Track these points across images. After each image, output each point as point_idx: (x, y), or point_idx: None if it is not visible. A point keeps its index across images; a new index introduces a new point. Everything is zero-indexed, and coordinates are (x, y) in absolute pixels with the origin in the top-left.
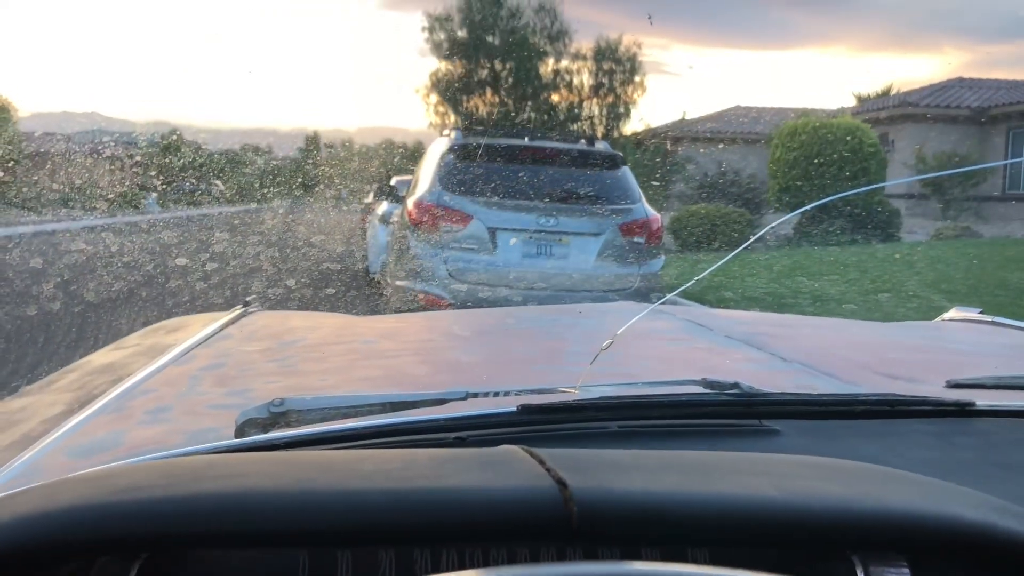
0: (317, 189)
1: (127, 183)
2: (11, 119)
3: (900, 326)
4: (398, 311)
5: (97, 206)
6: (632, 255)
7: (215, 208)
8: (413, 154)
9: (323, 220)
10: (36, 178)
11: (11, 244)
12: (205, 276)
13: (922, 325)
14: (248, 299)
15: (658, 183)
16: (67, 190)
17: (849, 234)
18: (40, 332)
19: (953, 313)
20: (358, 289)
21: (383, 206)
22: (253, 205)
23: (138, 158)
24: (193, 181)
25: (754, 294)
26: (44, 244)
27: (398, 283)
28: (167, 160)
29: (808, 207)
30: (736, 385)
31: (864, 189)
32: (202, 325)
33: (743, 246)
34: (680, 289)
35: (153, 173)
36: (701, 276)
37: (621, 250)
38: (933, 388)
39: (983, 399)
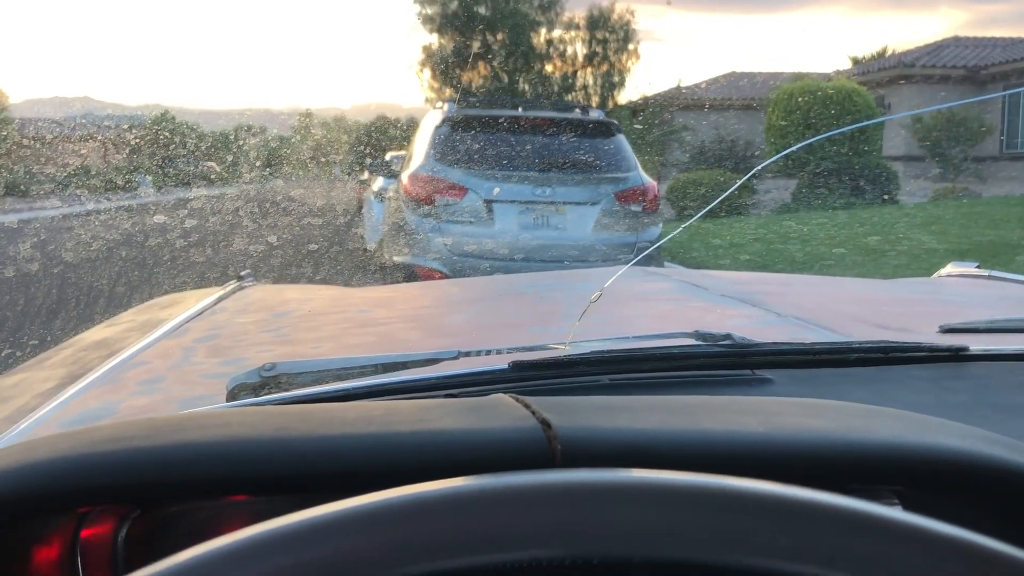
0: (311, 167)
1: (121, 166)
2: (3, 106)
3: (896, 282)
4: (394, 284)
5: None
6: (629, 223)
7: (210, 189)
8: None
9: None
10: (30, 165)
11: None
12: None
13: (918, 281)
14: (243, 273)
15: (655, 151)
16: (61, 175)
17: (847, 197)
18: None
19: (950, 268)
20: (354, 264)
21: (378, 182)
22: (247, 185)
23: (132, 141)
24: (187, 162)
25: (749, 258)
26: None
27: (395, 257)
28: (160, 142)
29: (759, 167)
30: (728, 337)
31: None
32: (196, 300)
33: (708, 207)
34: (660, 242)
35: (147, 155)
36: (674, 233)
37: (618, 218)
38: (927, 335)
39: (977, 344)
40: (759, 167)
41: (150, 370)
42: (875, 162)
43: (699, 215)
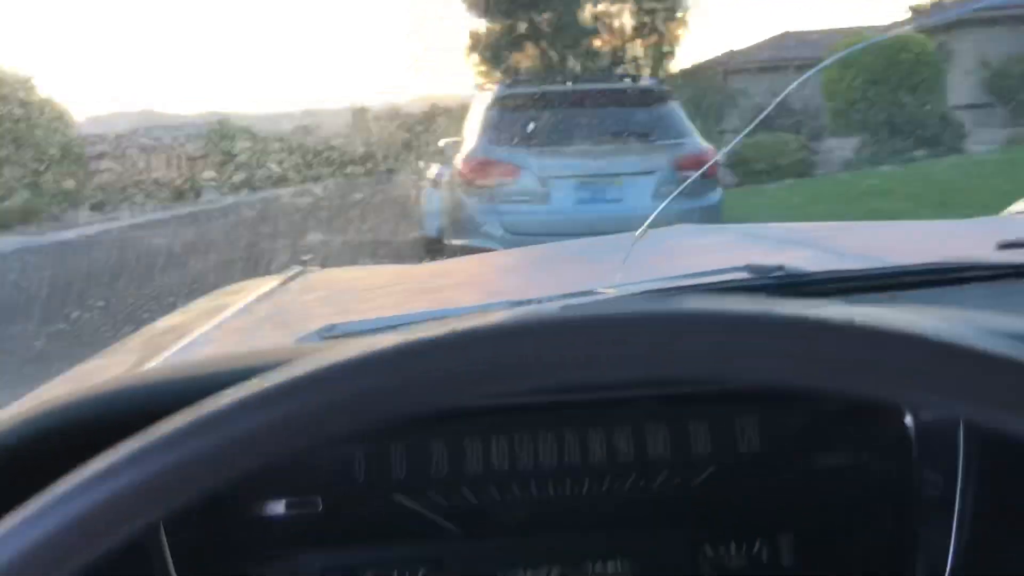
0: (368, 163)
1: (184, 175)
2: (69, 124)
3: (961, 221)
4: None
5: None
6: (689, 190)
7: (273, 191)
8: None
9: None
10: (99, 180)
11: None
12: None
13: (986, 219)
14: (305, 258)
15: (712, 119)
16: (127, 188)
17: (912, 150)
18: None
19: (1020, 204)
20: (413, 252)
21: (433, 169)
22: (306, 184)
23: (193, 149)
24: (248, 167)
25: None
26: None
27: (454, 241)
28: (220, 148)
29: (735, 142)
30: (780, 268)
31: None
32: (260, 286)
33: (691, 178)
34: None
35: (209, 162)
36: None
37: (677, 186)
38: (985, 252)
39: None
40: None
41: (218, 347)
42: (939, 112)
43: (685, 185)
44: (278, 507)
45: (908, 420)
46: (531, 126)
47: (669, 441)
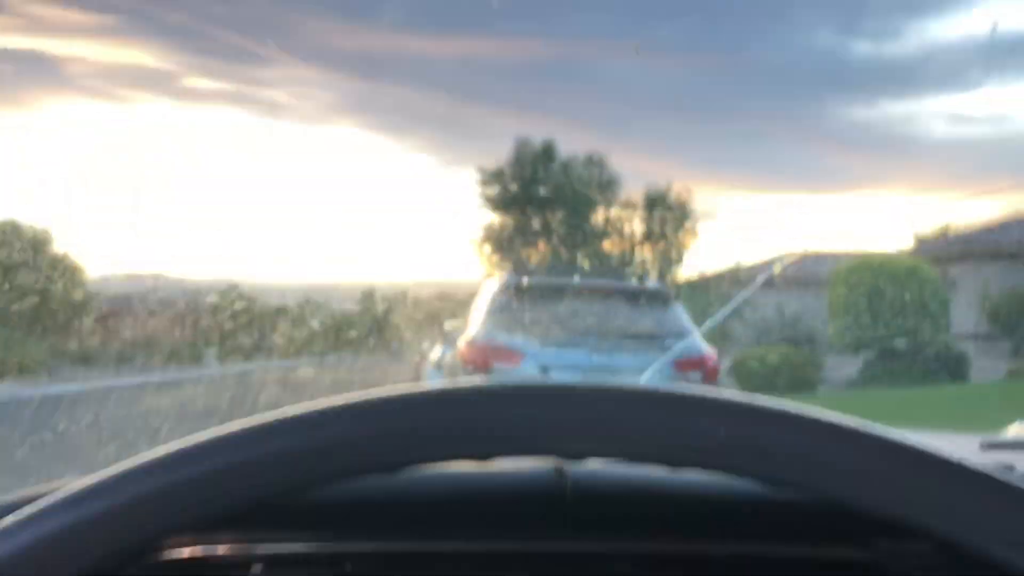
0: (372, 342)
1: (188, 340)
2: (83, 281)
3: (958, 436)
4: None
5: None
6: None
7: (272, 362)
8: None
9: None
10: (102, 336)
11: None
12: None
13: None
14: None
15: (716, 328)
16: (131, 348)
17: (915, 375)
18: None
19: (1017, 427)
20: None
21: (436, 351)
22: (309, 358)
23: (199, 315)
24: (251, 336)
25: None
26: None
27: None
28: (226, 316)
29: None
30: None
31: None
32: None
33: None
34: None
35: (213, 329)
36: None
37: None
38: (970, 453)
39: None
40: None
41: None
42: (944, 340)
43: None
44: None
45: None
46: (535, 316)
47: None
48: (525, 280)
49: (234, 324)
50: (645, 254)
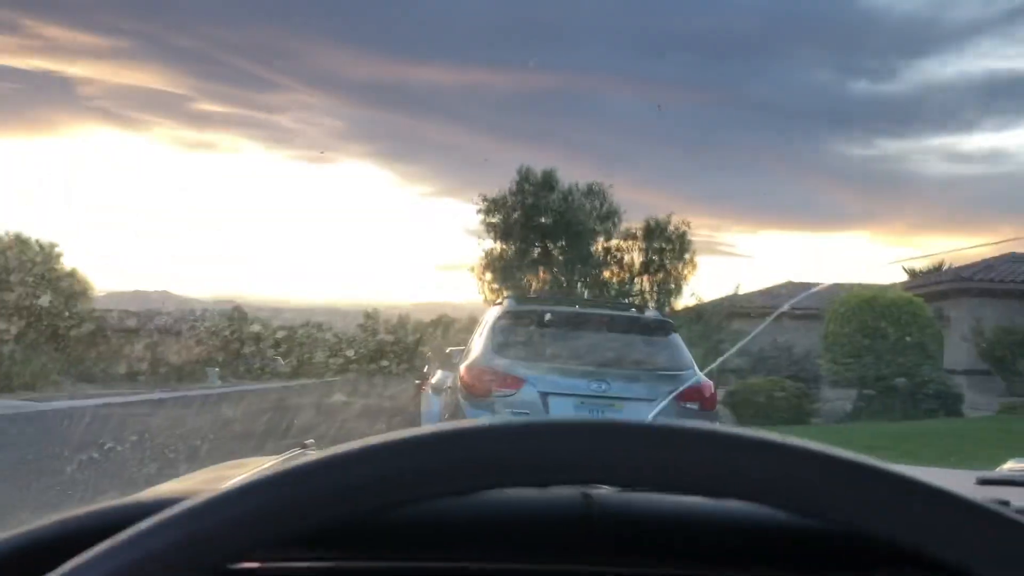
0: (373, 365)
1: (192, 359)
2: (90, 297)
3: (954, 471)
4: None
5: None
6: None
7: (274, 383)
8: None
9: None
10: (107, 352)
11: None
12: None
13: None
14: (307, 441)
15: (712, 357)
16: (136, 365)
17: (908, 410)
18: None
19: (1011, 464)
20: None
21: (437, 375)
22: (310, 380)
23: (203, 335)
24: (253, 356)
25: None
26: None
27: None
28: (229, 336)
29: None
30: None
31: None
32: (259, 464)
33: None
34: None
35: (216, 348)
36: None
37: (674, 416)
38: (966, 488)
39: (1018, 498)
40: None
41: None
42: (937, 375)
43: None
44: None
45: None
46: (536, 343)
47: None
48: (526, 307)
49: (238, 345)
50: (644, 284)
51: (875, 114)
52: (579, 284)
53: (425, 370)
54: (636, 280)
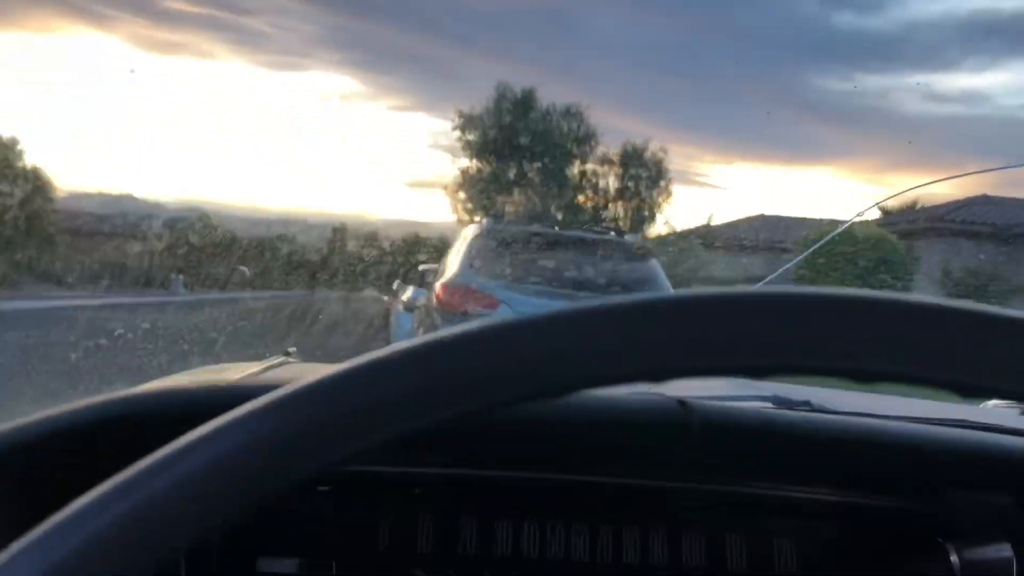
0: (341, 278)
1: (156, 264)
2: (52, 196)
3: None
4: None
5: (125, 285)
6: None
7: (239, 293)
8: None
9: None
10: (69, 254)
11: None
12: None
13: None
14: (290, 349)
15: (681, 286)
16: (98, 267)
17: None
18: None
19: (997, 400)
20: None
21: (408, 292)
22: (277, 292)
23: (168, 240)
24: (220, 265)
25: None
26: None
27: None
28: (195, 244)
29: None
30: (807, 402)
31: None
32: (242, 370)
33: None
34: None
35: (182, 255)
36: None
37: None
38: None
39: None
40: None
41: None
42: None
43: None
44: (289, 566)
45: (953, 559)
46: (514, 263)
47: (704, 550)
48: (505, 227)
49: (203, 253)
50: (618, 210)
51: (858, 49)
52: (553, 207)
53: (394, 286)
54: (610, 206)
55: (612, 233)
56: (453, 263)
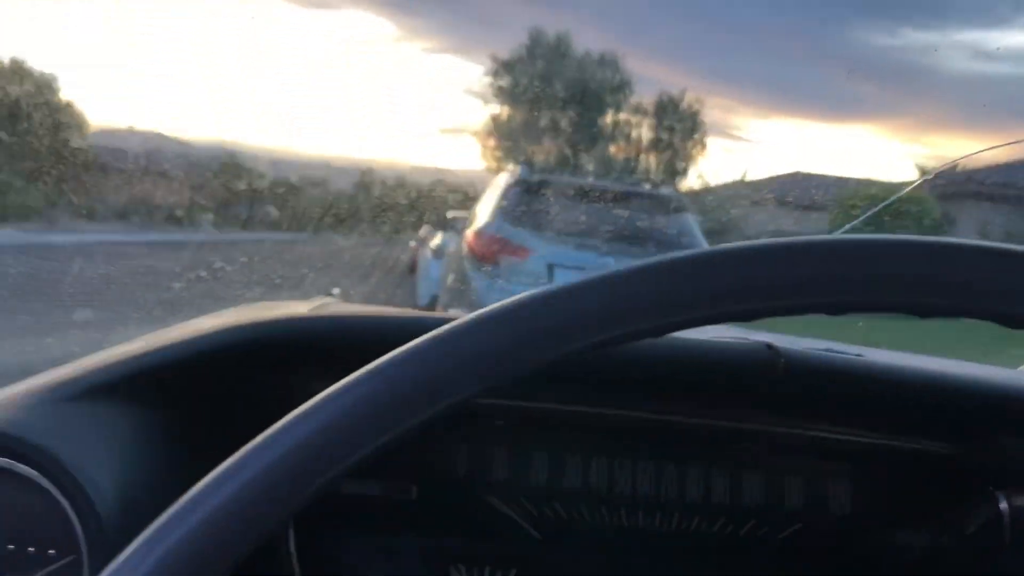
0: (368, 223)
1: (184, 203)
2: (84, 130)
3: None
4: None
5: (155, 222)
6: None
7: (267, 234)
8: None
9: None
10: (100, 189)
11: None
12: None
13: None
14: (333, 291)
15: (713, 241)
16: (127, 205)
17: None
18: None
19: None
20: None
21: (436, 239)
22: (303, 234)
23: (197, 179)
24: (248, 206)
25: None
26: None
27: (450, 312)
28: (223, 183)
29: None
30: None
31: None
32: (290, 309)
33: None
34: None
35: (210, 195)
36: None
37: None
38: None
39: None
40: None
41: None
42: None
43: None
44: (372, 487)
45: (1003, 505)
46: (547, 213)
47: (764, 490)
48: (538, 177)
49: (232, 193)
50: (650, 161)
51: (905, 2)
52: (584, 157)
53: (421, 232)
54: (642, 157)
55: (647, 185)
56: (485, 211)
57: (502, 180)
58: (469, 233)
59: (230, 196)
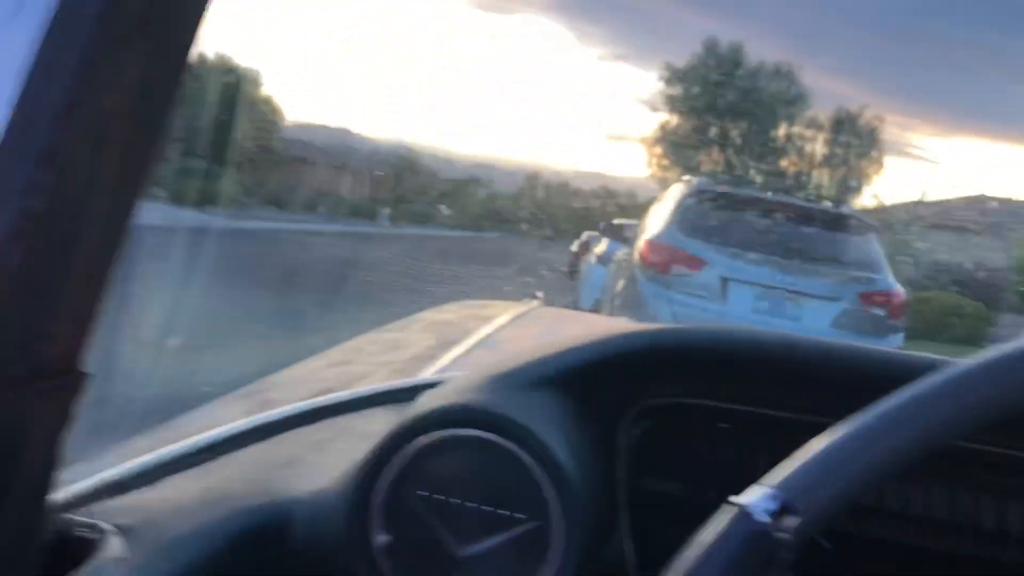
0: (532, 225)
1: (364, 196)
2: (280, 125)
3: None
4: None
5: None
6: (871, 327)
7: (438, 230)
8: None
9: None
10: (291, 181)
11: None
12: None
13: None
14: (537, 294)
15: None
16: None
17: None
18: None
19: None
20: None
21: (603, 245)
22: (472, 232)
23: (377, 175)
24: (422, 203)
25: None
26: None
27: (616, 317)
28: (401, 180)
29: None
30: None
31: None
32: (502, 311)
33: None
34: None
35: (388, 190)
36: None
37: (859, 320)
38: None
39: None
40: None
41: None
42: None
43: None
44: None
45: None
46: (722, 226)
47: None
48: (715, 188)
49: (407, 190)
50: (823, 178)
51: None
52: (753, 169)
53: (584, 238)
54: (815, 172)
55: (827, 203)
56: (659, 220)
57: (677, 190)
58: (641, 241)
59: (406, 192)
